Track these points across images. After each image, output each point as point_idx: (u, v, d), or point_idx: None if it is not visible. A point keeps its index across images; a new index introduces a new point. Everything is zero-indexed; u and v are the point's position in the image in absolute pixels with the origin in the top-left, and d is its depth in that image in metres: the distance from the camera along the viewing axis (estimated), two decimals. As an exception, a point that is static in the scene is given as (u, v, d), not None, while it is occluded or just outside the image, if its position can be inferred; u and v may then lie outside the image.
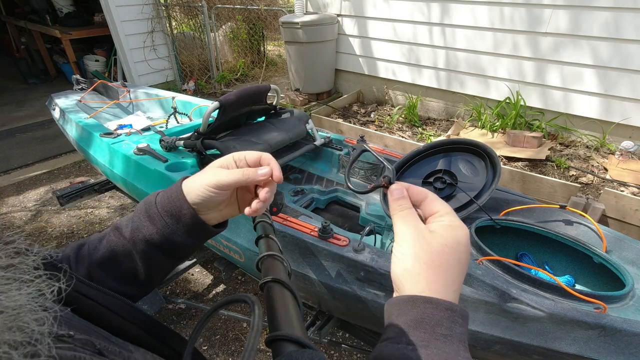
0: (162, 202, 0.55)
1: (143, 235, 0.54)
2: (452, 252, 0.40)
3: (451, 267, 0.40)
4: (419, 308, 0.37)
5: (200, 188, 0.53)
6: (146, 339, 0.48)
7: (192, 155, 1.72)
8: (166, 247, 0.55)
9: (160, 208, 0.54)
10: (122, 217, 0.57)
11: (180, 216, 0.54)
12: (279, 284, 0.47)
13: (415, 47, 3.70)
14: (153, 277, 0.58)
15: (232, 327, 1.94)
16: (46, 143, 3.92)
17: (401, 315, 0.38)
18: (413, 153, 1.58)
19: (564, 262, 1.29)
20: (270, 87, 1.82)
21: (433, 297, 0.38)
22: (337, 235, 1.16)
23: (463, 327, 0.37)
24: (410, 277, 0.40)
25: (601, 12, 2.65)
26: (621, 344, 0.89)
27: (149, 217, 0.55)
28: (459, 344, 0.36)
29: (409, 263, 0.41)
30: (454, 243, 0.41)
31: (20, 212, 2.87)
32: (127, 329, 0.46)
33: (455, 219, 0.43)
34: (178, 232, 0.55)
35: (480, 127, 3.33)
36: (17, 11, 5.81)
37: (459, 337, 0.36)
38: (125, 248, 0.55)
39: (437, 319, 0.36)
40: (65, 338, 0.31)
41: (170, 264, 0.60)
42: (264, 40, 6.08)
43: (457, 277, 0.40)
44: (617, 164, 2.70)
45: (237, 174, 0.53)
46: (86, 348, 0.33)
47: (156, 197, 0.56)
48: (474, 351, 1.08)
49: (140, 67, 4.84)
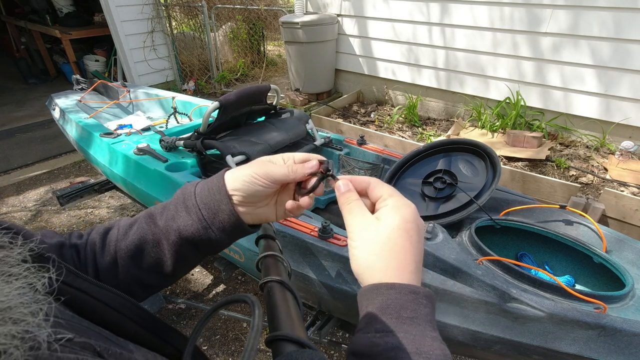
0: (201, 193, 0.53)
1: (177, 226, 0.52)
2: (401, 233, 0.40)
3: (402, 248, 0.40)
4: (383, 295, 0.38)
5: (247, 175, 0.52)
6: (145, 336, 0.47)
7: (192, 155, 1.72)
8: (198, 240, 0.53)
9: (198, 199, 0.53)
10: (156, 205, 0.54)
11: (218, 211, 0.52)
12: (279, 284, 0.48)
13: (415, 47, 3.70)
14: (178, 269, 0.56)
15: (232, 327, 1.94)
16: (46, 143, 3.92)
17: (369, 304, 0.39)
18: (413, 153, 1.58)
19: (564, 262, 1.29)
20: (270, 87, 1.82)
21: (395, 282, 0.38)
22: (337, 235, 1.16)
23: (428, 308, 0.38)
24: (366, 270, 0.41)
25: (601, 11, 2.65)
26: (621, 344, 0.89)
27: (186, 207, 0.53)
28: (425, 324, 0.37)
29: (361, 257, 0.41)
30: (400, 223, 0.41)
31: (20, 212, 2.87)
32: (125, 325, 0.45)
33: (399, 199, 0.43)
34: (213, 227, 0.53)
35: (480, 127, 3.33)
36: (17, 11, 5.81)
37: (425, 317, 0.37)
38: (156, 237, 0.53)
39: (401, 303, 0.37)
40: (65, 342, 0.31)
41: (198, 258, 0.58)
42: (264, 40, 6.08)
43: (412, 257, 0.40)
44: (617, 164, 2.70)
45: (285, 168, 0.52)
46: (86, 351, 0.33)
47: (195, 187, 0.54)
48: (474, 351, 1.08)
49: (140, 67, 4.84)
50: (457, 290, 1.00)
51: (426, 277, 1.03)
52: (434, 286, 1.02)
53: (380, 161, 1.81)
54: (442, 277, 1.04)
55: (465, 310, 1.01)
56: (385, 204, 0.43)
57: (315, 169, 0.53)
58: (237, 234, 0.55)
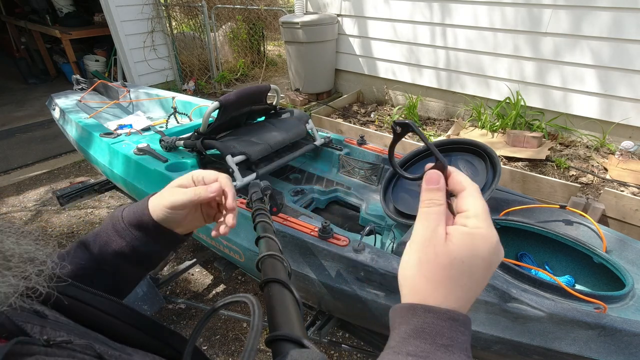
0: (127, 216, 0.59)
1: (113, 250, 0.57)
2: (462, 267, 0.35)
3: (457, 282, 0.36)
4: (420, 317, 0.36)
5: (159, 209, 0.58)
6: (143, 339, 0.48)
7: (192, 155, 1.72)
8: (136, 258, 0.59)
9: (126, 222, 0.58)
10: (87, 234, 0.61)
11: (146, 227, 0.58)
12: (279, 284, 0.48)
13: (415, 47, 3.70)
14: (123, 287, 0.62)
15: (232, 327, 1.94)
16: (46, 143, 3.92)
17: (402, 323, 0.37)
18: (413, 153, 1.58)
19: (564, 262, 1.29)
20: (270, 87, 1.82)
21: (434, 306, 0.36)
22: (337, 235, 1.16)
23: (465, 336, 0.36)
24: (407, 286, 0.38)
25: (601, 12, 2.65)
26: (621, 344, 0.89)
27: (117, 231, 0.58)
28: (460, 353, 0.34)
29: (409, 271, 0.38)
30: (467, 256, 0.35)
31: (20, 212, 2.87)
32: (122, 330, 0.46)
33: (481, 224, 0.36)
34: (147, 242, 0.58)
35: (480, 127, 3.33)
36: (17, 11, 5.81)
37: (461, 346, 0.35)
38: (93, 263, 0.57)
39: (437, 329, 0.35)
40: (64, 345, 0.32)
41: (140, 273, 0.64)
42: (264, 40, 6.08)
43: (466, 291, 0.36)
44: (617, 164, 2.70)
45: (189, 193, 0.57)
46: (86, 352, 0.33)
47: (122, 212, 0.60)
48: (474, 351, 1.08)
49: (140, 67, 4.84)
50: (457, 290, 1.00)
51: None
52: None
53: (380, 161, 1.81)
54: (442, 277, 1.04)
55: (465, 310, 1.01)
56: (466, 223, 0.37)
57: (219, 192, 0.59)
58: (171, 243, 0.63)
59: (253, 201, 0.90)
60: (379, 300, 1.08)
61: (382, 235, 1.54)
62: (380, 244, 1.47)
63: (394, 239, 1.45)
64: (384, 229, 1.57)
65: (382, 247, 1.45)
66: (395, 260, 1.08)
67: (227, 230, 0.61)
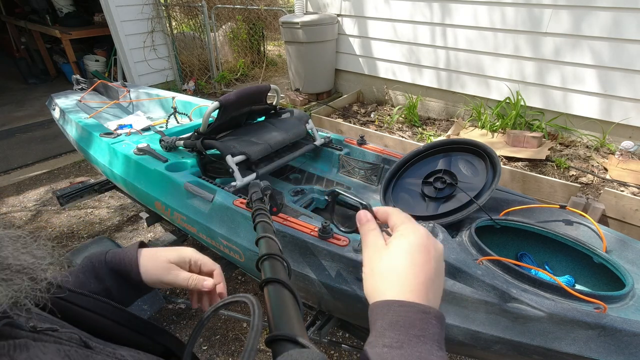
0: (112, 262, 0.60)
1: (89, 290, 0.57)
2: (405, 256, 0.42)
3: (406, 270, 0.41)
4: (394, 311, 0.39)
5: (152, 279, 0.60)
6: (133, 337, 0.49)
7: (192, 155, 1.72)
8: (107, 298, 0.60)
9: (109, 268, 0.59)
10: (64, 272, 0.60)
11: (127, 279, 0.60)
12: (279, 284, 0.48)
13: (415, 47, 3.70)
14: None
15: (232, 327, 1.94)
16: (46, 143, 3.92)
17: (378, 319, 0.40)
18: (413, 153, 1.58)
19: (564, 262, 1.29)
20: (270, 87, 1.82)
21: (407, 300, 0.39)
22: (337, 236, 1.16)
23: (437, 328, 0.39)
24: (373, 292, 0.43)
25: (601, 12, 2.65)
26: (621, 344, 0.89)
27: (96, 275, 0.59)
28: (432, 343, 0.37)
29: (369, 280, 0.44)
30: (405, 247, 0.43)
31: (20, 212, 2.87)
32: (112, 329, 0.47)
33: (408, 225, 0.45)
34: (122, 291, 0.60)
35: (480, 127, 3.33)
36: (17, 11, 5.81)
37: (433, 337, 0.38)
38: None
39: (410, 321, 0.38)
40: (50, 332, 0.32)
41: None
42: (264, 40, 6.08)
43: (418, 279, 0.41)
44: (617, 164, 2.70)
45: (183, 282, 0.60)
46: (72, 341, 0.33)
47: (105, 256, 0.61)
48: (474, 351, 1.08)
49: (140, 67, 4.84)
50: (457, 290, 1.00)
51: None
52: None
53: (380, 161, 1.81)
54: (442, 277, 1.04)
55: (465, 310, 1.01)
56: (397, 230, 0.45)
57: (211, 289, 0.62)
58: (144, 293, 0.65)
59: (253, 201, 0.90)
60: (379, 300, 1.08)
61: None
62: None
63: (394, 239, 1.45)
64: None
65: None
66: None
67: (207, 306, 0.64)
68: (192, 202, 1.49)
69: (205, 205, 1.44)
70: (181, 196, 1.52)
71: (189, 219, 1.51)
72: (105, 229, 2.66)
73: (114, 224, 2.72)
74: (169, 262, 0.61)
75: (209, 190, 1.45)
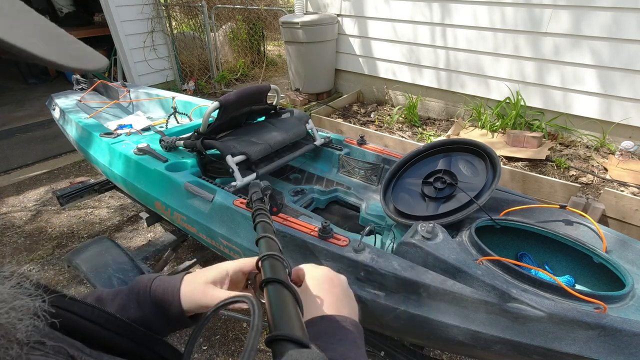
0: (156, 292, 0.58)
1: (128, 316, 0.56)
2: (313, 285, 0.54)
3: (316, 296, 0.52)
4: (317, 325, 0.48)
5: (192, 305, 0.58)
6: (124, 343, 0.49)
7: (192, 155, 1.72)
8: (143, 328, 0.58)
9: (152, 296, 0.58)
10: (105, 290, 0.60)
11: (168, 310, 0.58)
12: (279, 284, 0.48)
13: (415, 47, 3.70)
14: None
15: (232, 327, 1.94)
16: (46, 143, 3.92)
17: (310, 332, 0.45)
18: (413, 153, 1.58)
19: (564, 262, 1.29)
20: (270, 87, 1.82)
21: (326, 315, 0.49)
22: (337, 235, 1.16)
23: (354, 334, 0.48)
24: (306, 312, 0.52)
25: (601, 12, 2.65)
26: (621, 344, 0.89)
27: (139, 301, 0.58)
28: (351, 344, 0.45)
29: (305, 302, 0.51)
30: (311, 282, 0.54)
31: (20, 212, 2.87)
32: (106, 338, 0.47)
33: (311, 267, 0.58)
34: (160, 321, 0.58)
35: (480, 127, 3.33)
36: (17, 11, 5.81)
37: (352, 340, 0.46)
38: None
39: (331, 329, 0.47)
40: (38, 345, 0.32)
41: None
42: (264, 40, 6.08)
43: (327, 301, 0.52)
44: (617, 164, 2.70)
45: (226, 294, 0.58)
46: (58, 355, 0.33)
47: (151, 283, 0.59)
48: (474, 351, 1.08)
49: (140, 67, 4.84)
50: (457, 290, 1.00)
51: (426, 277, 1.03)
52: (434, 286, 1.02)
53: (380, 161, 1.81)
54: (442, 277, 1.04)
55: (465, 310, 1.01)
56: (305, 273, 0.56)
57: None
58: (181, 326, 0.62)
59: (253, 201, 0.90)
60: (379, 300, 1.09)
61: (382, 235, 1.54)
62: (381, 244, 1.47)
63: (394, 239, 1.45)
64: (384, 229, 1.57)
65: (382, 247, 1.45)
66: (395, 260, 1.08)
67: None
68: (192, 202, 1.49)
69: (205, 205, 1.44)
70: (181, 196, 1.52)
71: (189, 219, 1.51)
72: (105, 229, 2.66)
73: (114, 224, 2.72)
74: (206, 283, 0.58)
75: (209, 190, 1.45)
